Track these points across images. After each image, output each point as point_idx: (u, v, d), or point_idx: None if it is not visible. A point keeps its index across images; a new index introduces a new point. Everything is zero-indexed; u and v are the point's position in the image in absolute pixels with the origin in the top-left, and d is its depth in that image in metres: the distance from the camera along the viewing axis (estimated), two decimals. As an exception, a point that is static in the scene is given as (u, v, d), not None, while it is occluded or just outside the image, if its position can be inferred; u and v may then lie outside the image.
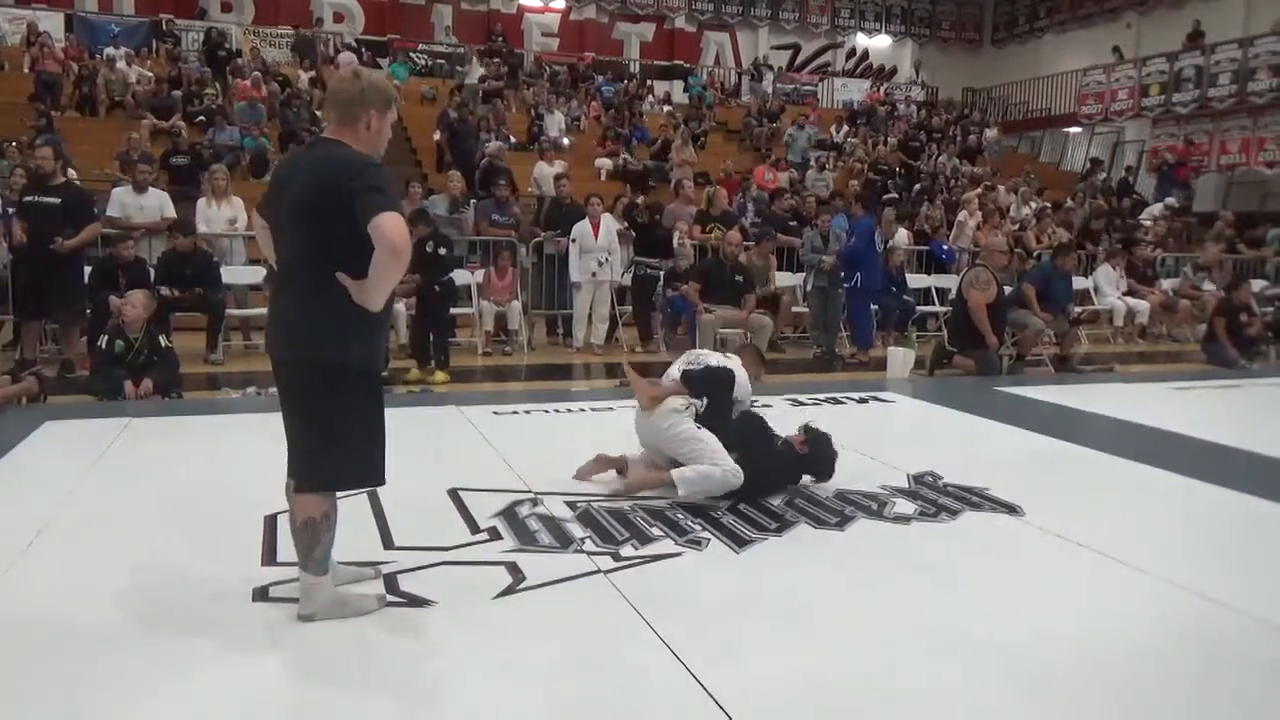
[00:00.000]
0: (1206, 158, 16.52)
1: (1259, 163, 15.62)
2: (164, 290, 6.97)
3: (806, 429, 4.06)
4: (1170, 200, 15.16)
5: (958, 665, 2.46)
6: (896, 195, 13.47)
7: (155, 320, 6.20)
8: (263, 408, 5.87)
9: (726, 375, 4.02)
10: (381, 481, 2.69)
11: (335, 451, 2.57)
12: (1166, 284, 11.38)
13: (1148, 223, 13.80)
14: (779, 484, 3.91)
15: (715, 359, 4.14)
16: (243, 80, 13.71)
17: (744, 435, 3.92)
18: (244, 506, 3.56)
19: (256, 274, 7.98)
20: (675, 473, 3.77)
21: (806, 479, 4.03)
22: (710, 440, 3.76)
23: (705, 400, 3.87)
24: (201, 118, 12.77)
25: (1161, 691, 2.35)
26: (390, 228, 2.33)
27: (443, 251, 7.38)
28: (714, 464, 3.72)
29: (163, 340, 6.09)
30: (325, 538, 2.61)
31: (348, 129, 2.55)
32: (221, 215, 8.55)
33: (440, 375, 6.98)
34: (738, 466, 3.72)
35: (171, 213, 8.30)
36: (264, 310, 7.75)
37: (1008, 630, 2.67)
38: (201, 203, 8.62)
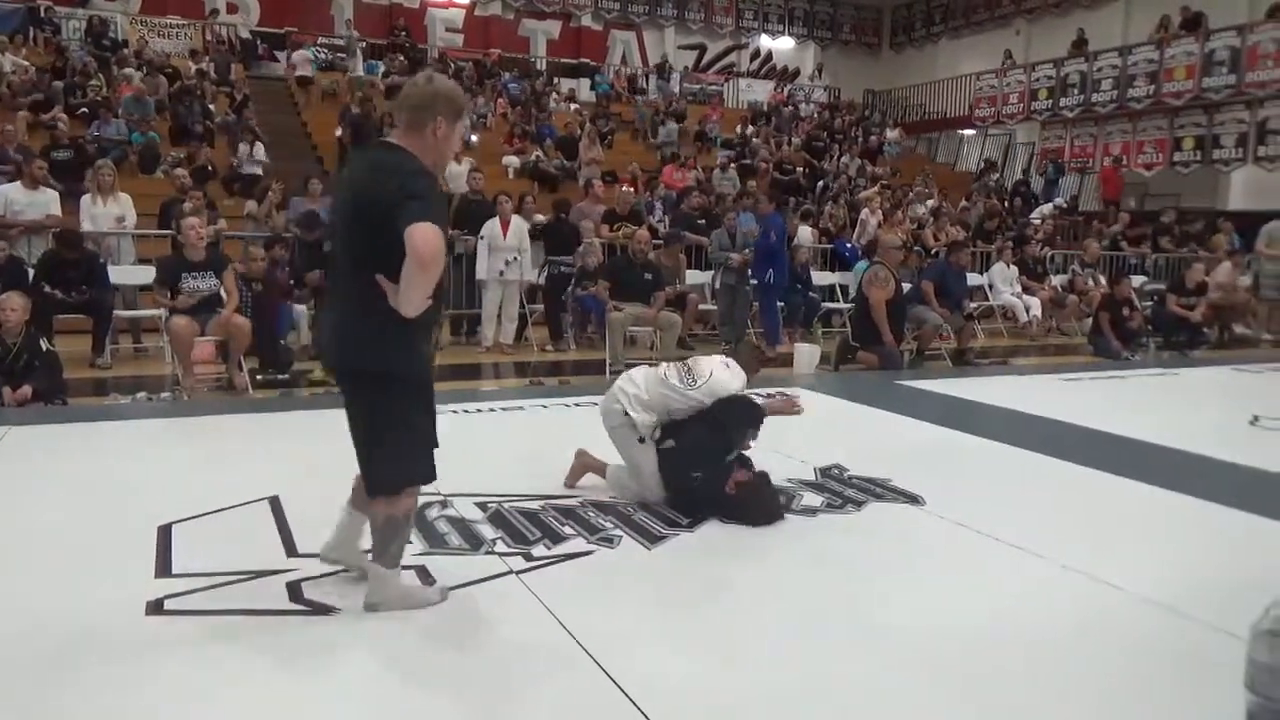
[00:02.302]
0: (1091, 159, 17.34)
1: (1139, 164, 16.47)
2: (46, 289, 6.61)
3: (757, 474, 3.74)
4: (1059, 200, 15.86)
5: (868, 653, 2.52)
6: (771, 185, 13.69)
7: (35, 322, 5.88)
8: (155, 414, 5.64)
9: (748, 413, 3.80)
10: (433, 478, 2.69)
11: (390, 454, 2.59)
12: (1056, 280, 11.89)
13: (1037, 221, 14.41)
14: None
15: (717, 368, 3.79)
16: (126, 82, 13.05)
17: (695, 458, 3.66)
18: (136, 517, 3.40)
19: (146, 274, 7.62)
20: (610, 473, 3.84)
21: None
22: (648, 466, 3.70)
23: (660, 431, 3.72)
24: (85, 110, 12.16)
25: (1057, 670, 2.45)
26: (420, 239, 2.27)
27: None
28: (637, 479, 3.73)
29: (44, 344, 5.77)
30: (402, 534, 2.67)
31: (414, 134, 2.51)
32: (108, 213, 8.15)
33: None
34: (661, 494, 3.69)
35: (58, 211, 7.89)
36: (154, 311, 7.48)
37: (913, 616, 2.74)
38: (86, 199, 8.19)
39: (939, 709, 2.26)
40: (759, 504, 3.61)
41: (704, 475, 3.60)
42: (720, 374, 3.76)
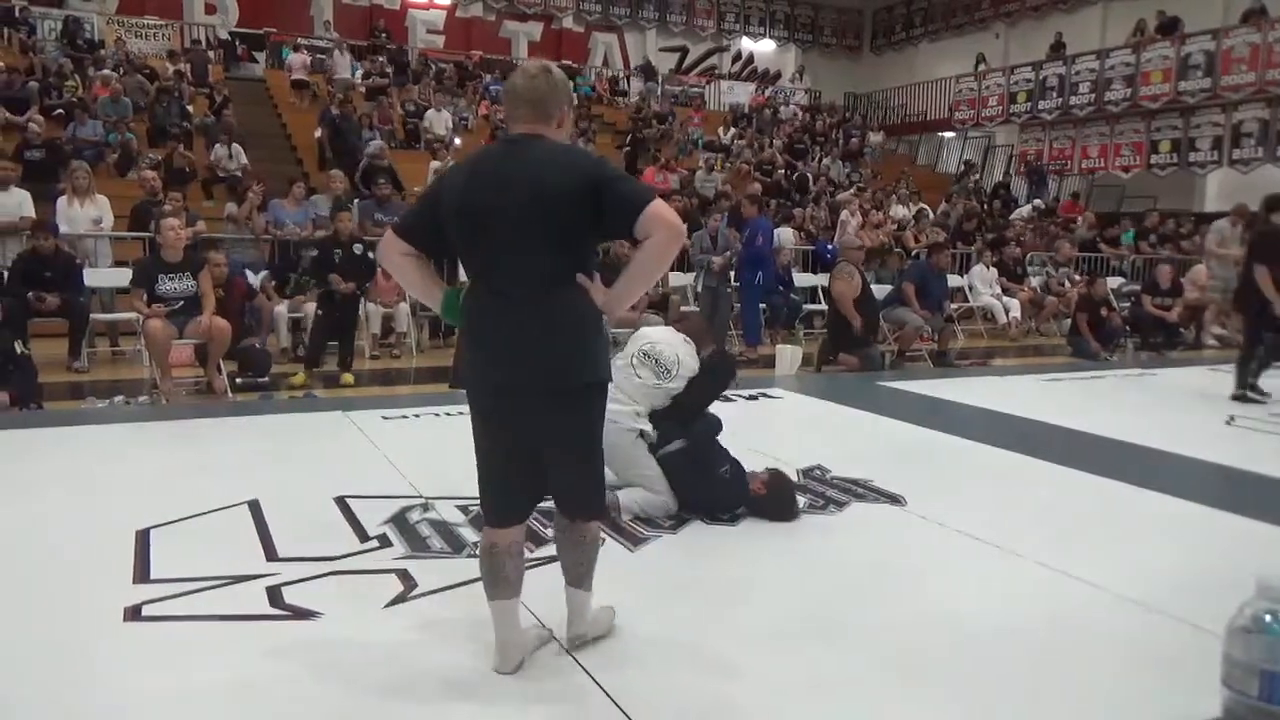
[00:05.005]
0: (1069, 161, 17.49)
1: (1116, 167, 16.61)
2: (31, 296, 6.55)
3: (771, 472, 3.79)
4: (1038, 202, 15.99)
5: (850, 653, 2.53)
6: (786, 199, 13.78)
7: (10, 326, 5.81)
8: (131, 417, 5.59)
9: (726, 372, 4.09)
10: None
11: (601, 471, 2.48)
12: (1035, 281, 11.98)
13: (1020, 224, 14.51)
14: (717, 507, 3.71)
15: (681, 350, 3.80)
16: (103, 83, 12.92)
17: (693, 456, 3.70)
18: (113, 522, 3.37)
19: (123, 277, 7.54)
20: (626, 499, 3.64)
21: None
22: (656, 471, 3.64)
23: (655, 431, 3.69)
24: (60, 111, 12.03)
25: (1037, 668, 2.46)
26: (668, 210, 2.14)
27: (371, 254, 7.29)
28: (657, 492, 3.63)
29: (19, 347, 5.71)
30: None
31: (543, 126, 2.30)
32: (84, 215, 8.07)
33: (348, 377, 6.91)
34: (673, 494, 3.65)
35: (31, 212, 7.80)
36: (131, 315, 7.40)
37: (895, 616, 2.76)
38: (62, 201, 8.11)
39: (921, 708, 2.27)
40: (781, 500, 3.67)
41: (730, 468, 3.67)
42: (685, 357, 3.79)
